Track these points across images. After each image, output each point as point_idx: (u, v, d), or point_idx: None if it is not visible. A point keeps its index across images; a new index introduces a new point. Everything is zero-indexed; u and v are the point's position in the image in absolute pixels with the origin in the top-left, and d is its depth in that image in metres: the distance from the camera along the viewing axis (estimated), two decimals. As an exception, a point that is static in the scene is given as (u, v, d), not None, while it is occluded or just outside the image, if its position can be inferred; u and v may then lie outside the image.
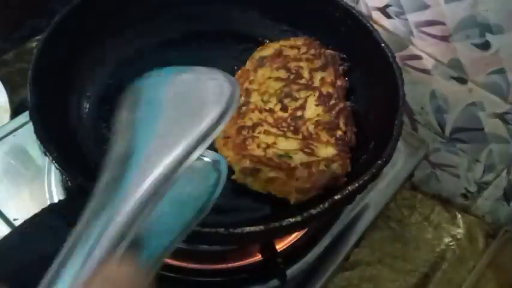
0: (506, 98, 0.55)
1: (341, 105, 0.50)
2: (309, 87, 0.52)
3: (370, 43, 0.51)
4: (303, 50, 0.55)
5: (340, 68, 0.54)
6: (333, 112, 0.49)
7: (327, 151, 0.46)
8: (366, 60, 0.53)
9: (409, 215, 0.66)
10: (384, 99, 0.49)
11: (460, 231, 0.66)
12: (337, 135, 0.48)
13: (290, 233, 0.48)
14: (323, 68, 0.53)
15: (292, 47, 0.55)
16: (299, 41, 0.56)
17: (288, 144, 0.47)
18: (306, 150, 0.46)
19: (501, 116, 0.57)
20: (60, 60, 0.49)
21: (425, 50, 0.59)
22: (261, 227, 0.37)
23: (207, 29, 0.59)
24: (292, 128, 0.48)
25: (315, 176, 0.43)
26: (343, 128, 0.48)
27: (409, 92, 0.52)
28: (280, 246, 0.50)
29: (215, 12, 0.60)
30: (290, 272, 0.50)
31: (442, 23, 0.54)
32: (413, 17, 0.57)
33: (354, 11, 0.53)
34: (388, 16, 0.59)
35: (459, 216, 0.68)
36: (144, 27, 0.57)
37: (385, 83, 0.49)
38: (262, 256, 0.50)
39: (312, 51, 0.55)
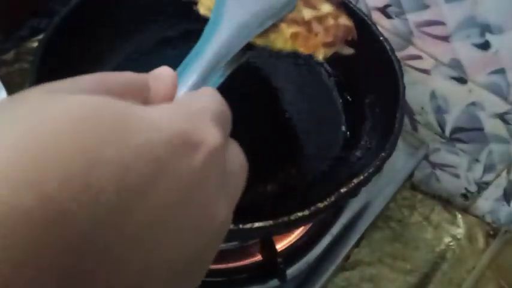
0: (506, 98, 0.55)
1: None
2: None
3: (368, 37, 0.51)
4: None
5: None
6: None
7: (326, 7, 0.48)
8: (364, 54, 0.53)
9: (409, 215, 0.66)
10: (385, 93, 0.49)
11: (460, 231, 0.66)
12: None
13: (297, 227, 0.49)
14: None
15: None
16: None
17: None
18: (309, 5, 0.47)
19: (501, 116, 0.57)
20: (60, 60, 0.49)
21: (425, 50, 0.59)
22: (270, 222, 0.37)
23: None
24: None
25: (330, 30, 0.45)
26: None
27: (409, 92, 0.52)
28: (280, 246, 0.50)
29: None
30: (290, 272, 0.49)
31: (442, 23, 0.54)
32: (413, 17, 0.57)
33: (351, 5, 0.53)
34: (388, 16, 0.59)
35: (459, 216, 0.67)
36: (144, 26, 0.57)
37: (385, 77, 0.49)
38: (262, 256, 0.49)
39: None
